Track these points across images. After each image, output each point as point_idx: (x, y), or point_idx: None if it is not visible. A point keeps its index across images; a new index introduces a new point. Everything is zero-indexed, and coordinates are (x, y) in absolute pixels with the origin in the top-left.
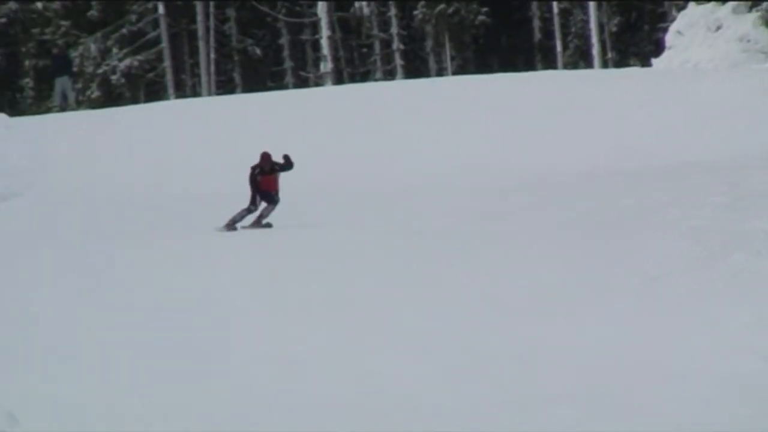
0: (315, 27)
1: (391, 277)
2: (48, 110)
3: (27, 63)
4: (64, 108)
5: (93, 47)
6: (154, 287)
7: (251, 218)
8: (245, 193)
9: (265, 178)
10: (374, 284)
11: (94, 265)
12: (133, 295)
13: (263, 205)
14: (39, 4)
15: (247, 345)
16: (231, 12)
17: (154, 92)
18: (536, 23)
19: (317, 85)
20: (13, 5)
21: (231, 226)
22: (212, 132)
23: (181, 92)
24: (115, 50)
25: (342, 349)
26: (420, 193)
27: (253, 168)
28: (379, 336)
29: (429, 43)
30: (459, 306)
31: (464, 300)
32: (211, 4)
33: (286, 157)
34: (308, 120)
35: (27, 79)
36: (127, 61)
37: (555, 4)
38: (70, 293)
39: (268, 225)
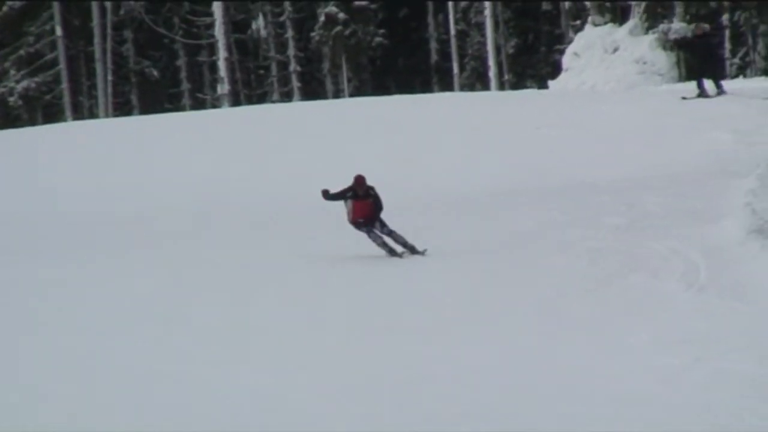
0: (212, 48)
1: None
2: None
3: None
4: None
5: None
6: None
7: (390, 241)
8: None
9: (358, 204)
10: (273, 304)
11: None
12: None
13: (375, 229)
14: None
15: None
16: (128, 33)
17: (52, 114)
18: (433, 45)
19: (214, 106)
20: None
21: (392, 251)
22: (109, 153)
23: (79, 114)
24: (12, 72)
25: (231, 366)
26: (312, 213)
27: (345, 191)
28: (269, 354)
29: (326, 65)
30: (354, 326)
31: (361, 320)
32: (109, 25)
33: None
34: (205, 141)
35: None
36: (24, 83)
37: (452, 26)
38: None
39: (420, 251)
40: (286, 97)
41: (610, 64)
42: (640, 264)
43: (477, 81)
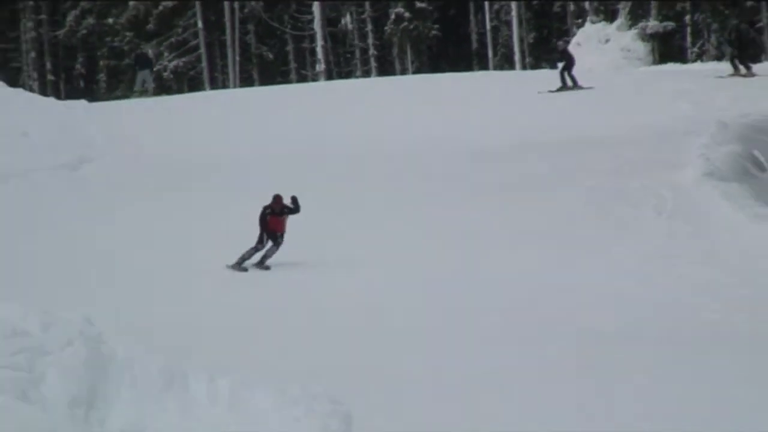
0: (312, 38)
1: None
2: (117, 98)
3: (101, 63)
4: (142, 93)
5: (150, 52)
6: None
7: (258, 256)
8: (255, 163)
9: (274, 219)
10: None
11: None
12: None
13: (269, 244)
14: (110, 20)
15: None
16: (251, 26)
17: (194, 85)
18: (474, 37)
19: (313, 80)
20: (91, 20)
21: (240, 265)
22: (240, 114)
23: (214, 85)
24: (165, 54)
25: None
26: (395, 159)
27: (265, 208)
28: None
29: (395, 51)
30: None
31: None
32: (237, 20)
33: (294, 200)
34: (307, 105)
35: (101, 75)
36: (174, 62)
37: (488, 23)
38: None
39: (267, 268)
40: (366, 74)
41: (603, 51)
42: (623, 198)
43: (506, 63)
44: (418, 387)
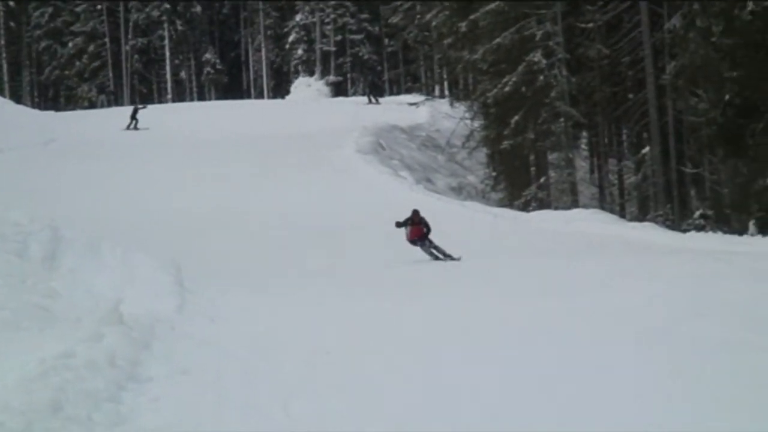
0: None
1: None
2: (71, 109)
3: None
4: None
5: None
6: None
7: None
8: None
9: (414, 229)
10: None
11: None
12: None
13: (418, 246)
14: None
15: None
16: None
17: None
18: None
19: None
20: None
21: (435, 256)
22: None
23: None
24: None
25: None
26: None
27: (406, 220)
28: None
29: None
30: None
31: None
32: None
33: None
34: None
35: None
36: None
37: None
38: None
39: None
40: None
41: (307, 91)
42: (317, 160)
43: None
44: None
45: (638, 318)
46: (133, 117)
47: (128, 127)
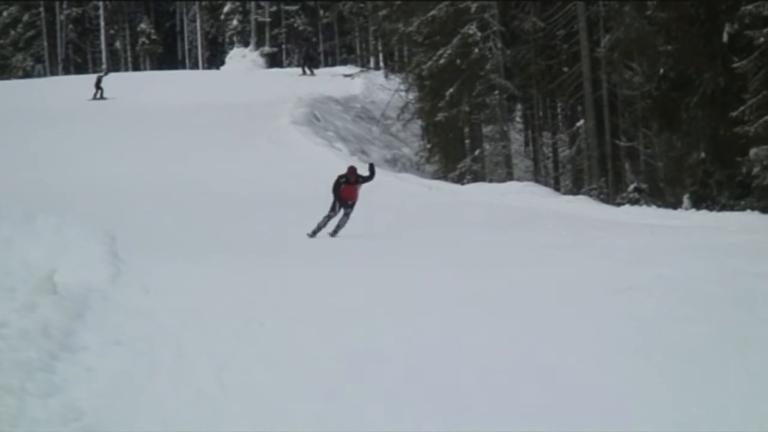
0: None
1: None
2: (6, 79)
3: None
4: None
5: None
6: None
7: (332, 224)
8: None
9: (348, 188)
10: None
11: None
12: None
13: (341, 212)
14: None
15: None
16: None
17: None
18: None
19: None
20: None
21: (316, 233)
22: None
23: None
24: None
25: None
26: None
27: (339, 177)
28: None
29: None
30: None
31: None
32: None
33: (371, 167)
34: None
35: None
36: None
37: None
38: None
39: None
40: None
41: (242, 62)
42: (252, 131)
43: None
44: None
45: (571, 291)
46: (98, 86)
47: (94, 97)
